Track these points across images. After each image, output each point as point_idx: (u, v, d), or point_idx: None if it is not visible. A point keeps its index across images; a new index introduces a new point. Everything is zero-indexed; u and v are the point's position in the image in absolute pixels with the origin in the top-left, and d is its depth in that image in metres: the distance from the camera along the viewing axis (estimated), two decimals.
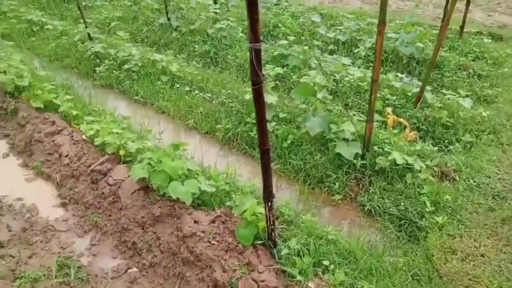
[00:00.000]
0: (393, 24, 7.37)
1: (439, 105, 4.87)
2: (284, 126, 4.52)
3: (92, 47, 6.67)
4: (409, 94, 5.13)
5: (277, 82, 5.43)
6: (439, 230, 3.18)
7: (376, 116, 4.10)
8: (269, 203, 2.57)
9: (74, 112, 4.74)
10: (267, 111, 4.83)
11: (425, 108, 4.92)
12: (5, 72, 5.32)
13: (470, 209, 3.35)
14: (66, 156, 4.13)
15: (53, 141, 4.36)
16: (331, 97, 4.88)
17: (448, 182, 3.69)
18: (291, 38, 6.39)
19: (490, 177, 3.72)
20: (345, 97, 5.40)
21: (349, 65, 5.90)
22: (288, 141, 4.29)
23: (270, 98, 4.71)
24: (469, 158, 4.02)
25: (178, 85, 5.73)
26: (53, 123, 4.60)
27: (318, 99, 4.26)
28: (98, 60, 6.52)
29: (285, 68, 6.06)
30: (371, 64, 6.30)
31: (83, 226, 3.54)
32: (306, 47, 6.26)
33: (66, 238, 3.41)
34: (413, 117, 4.85)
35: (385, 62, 6.36)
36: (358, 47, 6.81)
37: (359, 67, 6.29)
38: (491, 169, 3.83)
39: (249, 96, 4.81)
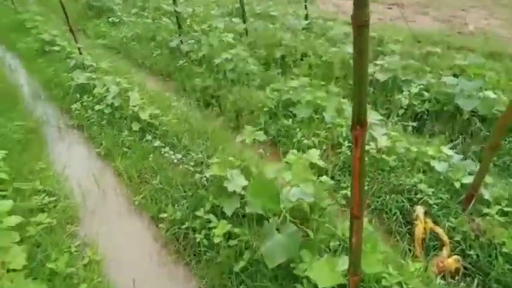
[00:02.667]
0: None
1: (501, 216, 3.04)
2: (245, 233, 3.01)
3: (78, 78, 5.78)
4: (457, 186, 3.35)
5: (261, 150, 3.96)
6: None
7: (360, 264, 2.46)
8: None
9: (3, 175, 3.79)
10: (228, 203, 3.44)
11: (477, 217, 3.12)
12: None
13: None
14: None
15: None
16: (331, 182, 3.32)
17: None
18: (304, 79, 4.83)
19: None
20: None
21: (377, 122, 4.22)
22: (241, 264, 2.82)
23: (234, 183, 3.27)
24: None
25: (149, 137, 4.53)
26: None
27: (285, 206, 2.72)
28: (78, 95, 5.60)
29: (291, 120, 4.57)
30: (410, 123, 4.54)
31: None
32: (322, 93, 4.70)
33: None
34: (459, 231, 3.07)
35: (434, 119, 4.54)
36: (402, 91, 5.01)
37: (396, 123, 4.55)
38: None
39: (210, 173, 3.42)
